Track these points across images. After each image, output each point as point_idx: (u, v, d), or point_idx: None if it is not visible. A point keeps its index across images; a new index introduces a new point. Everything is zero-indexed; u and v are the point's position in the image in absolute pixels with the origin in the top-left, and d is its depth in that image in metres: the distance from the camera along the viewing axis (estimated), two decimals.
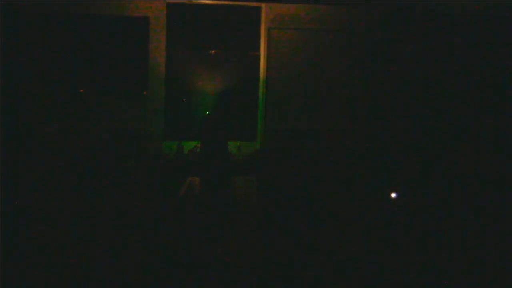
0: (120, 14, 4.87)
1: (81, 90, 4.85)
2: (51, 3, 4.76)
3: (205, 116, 4.23)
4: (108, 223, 4.29)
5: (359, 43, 5.18)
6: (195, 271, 3.55)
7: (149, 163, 4.86)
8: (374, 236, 4.29)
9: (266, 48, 5.11)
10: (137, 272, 3.49)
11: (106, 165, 4.76)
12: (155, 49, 4.97)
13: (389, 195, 4.95)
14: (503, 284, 3.53)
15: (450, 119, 5.25)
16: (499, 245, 4.09)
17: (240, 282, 3.45)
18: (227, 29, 5.08)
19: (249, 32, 5.12)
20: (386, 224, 4.55)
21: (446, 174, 5.10)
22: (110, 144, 4.84)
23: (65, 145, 4.75)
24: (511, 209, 4.74)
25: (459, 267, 3.70)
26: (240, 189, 4.85)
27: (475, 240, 4.18)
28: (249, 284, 3.44)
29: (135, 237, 4.07)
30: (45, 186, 4.62)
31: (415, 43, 5.22)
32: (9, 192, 4.40)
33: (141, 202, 4.63)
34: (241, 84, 5.12)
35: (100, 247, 3.87)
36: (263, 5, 5.08)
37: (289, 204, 4.73)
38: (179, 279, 3.44)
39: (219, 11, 5.05)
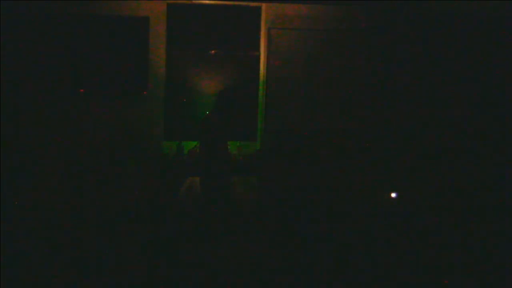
0: (120, 14, 4.87)
1: (81, 90, 4.85)
2: (51, 3, 4.76)
3: (205, 116, 4.23)
4: (107, 223, 4.30)
5: (359, 43, 5.18)
6: (195, 271, 3.55)
7: (149, 163, 4.86)
8: (375, 235, 4.30)
9: (266, 48, 5.11)
10: (137, 273, 3.49)
11: (105, 165, 4.77)
12: (155, 49, 4.97)
13: (389, 195, 4.96)
14: (503, 284, 3.53)
15: (451, 119, 5.26)
16: (499, 245, 4.09)
17: (240, 282, 3.45)
18: (227, 29, 5.08)
19: (249, 32, 5.12)
20: (386, 224, 4.56)
21: (446, 174, 5.11)
22: (110, 144, 4.84)
23: (64, 145, 4.76)
24: (511, 209, 4.75)
25: (459, 267, 3.71)
26: (240, 189, 4.86)
27: (475, 240, 4.19)
28: (249, 284, 3.44)
29: (135, 237, 4.08)
30: (44, 186, 4.63)
31: (415, 43, 5.22)
32: (9, 192, 4.41)
33: (141, 202, 4.64)
34: (241, 84, 5.12)
35: (100, 247, 3.88)
36: (263, 5, 5.08)
37: (289, 204, 4.74)
38: (179, 279, 3.45)
39: (219, 11, 5.05)
